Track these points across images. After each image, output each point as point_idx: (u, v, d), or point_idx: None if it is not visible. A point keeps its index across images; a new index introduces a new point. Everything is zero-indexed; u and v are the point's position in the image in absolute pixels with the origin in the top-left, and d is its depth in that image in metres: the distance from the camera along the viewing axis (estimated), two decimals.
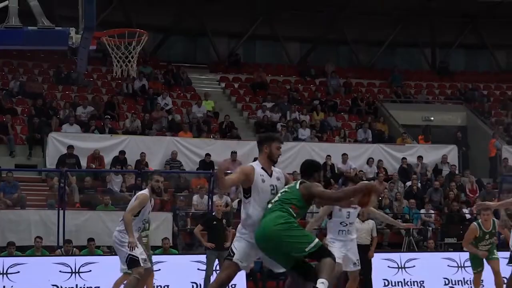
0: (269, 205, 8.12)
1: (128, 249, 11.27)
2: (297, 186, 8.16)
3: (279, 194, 8.17)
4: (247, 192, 8.24)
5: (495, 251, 13.57)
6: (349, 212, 12.15)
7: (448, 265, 17.57)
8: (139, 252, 11.40)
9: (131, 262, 11.31)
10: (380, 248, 21.00)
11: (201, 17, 31.13)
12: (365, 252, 15.14)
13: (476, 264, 13.65)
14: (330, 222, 12.41)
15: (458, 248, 18.22)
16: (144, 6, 29.79)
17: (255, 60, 32.64)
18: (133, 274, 11.34)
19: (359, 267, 12.53)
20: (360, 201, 8.26)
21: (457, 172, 25.51)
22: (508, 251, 12.62)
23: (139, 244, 11.62)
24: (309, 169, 8.38)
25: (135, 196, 11.94)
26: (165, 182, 18.88)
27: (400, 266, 17.47)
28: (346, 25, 32.39)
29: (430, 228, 22.15)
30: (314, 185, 8.16)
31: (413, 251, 19.94)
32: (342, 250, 12.19)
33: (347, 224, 12.25)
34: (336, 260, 11.15)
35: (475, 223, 13.71)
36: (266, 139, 8.40)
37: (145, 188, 11.96)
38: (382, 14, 32.07)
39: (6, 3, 10.83)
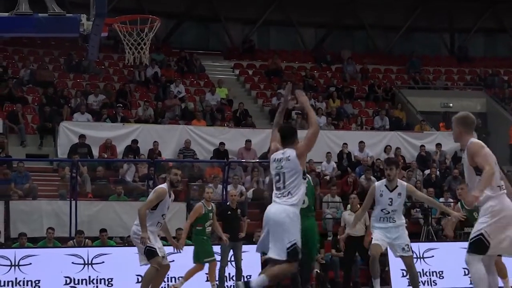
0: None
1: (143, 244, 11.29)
2: (313, 183, 9.35)
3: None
4: (304, 173, 8.49)
5: None
6: (391, 198, 11.81)
7: None
8: (158, 245, 11.42)
9: (149, 253, 11.32)
10: None
11: (214, 3, 30.78)
12: (361, 242, 15.42)
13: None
14: (374, 210, 12.16)
15: None
16: None
17: (270, 47, 32.36)
18: (152, 264, 11.36)
19: (411, 253, 12.03)
20: None
21: None
22: None
23: (157, 238, 11.60)
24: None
25: (153, 190, 11.88)
26: None
27: (418, 256, 17.24)
28: (362, 9, 32.02)
29: (449, 217, 21.76)
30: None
31: (431, 240, 19.74)
32: (386, 235, 11.87)
33: (389, 212, 11.85)
34: (373, 241, 11.89)
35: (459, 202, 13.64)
36: (296, 131, 8.73)
37: (163, 182, 11.79)
38: None
39: None
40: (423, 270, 17.20)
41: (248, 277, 16.08)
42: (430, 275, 17.19)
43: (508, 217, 7.73)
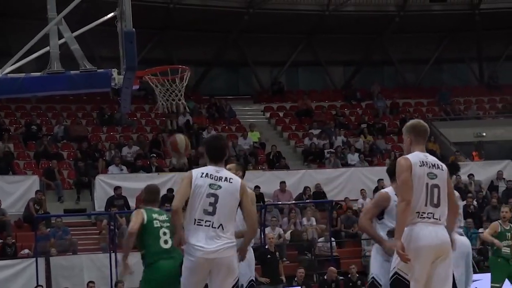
0: None
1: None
2: None
3: None
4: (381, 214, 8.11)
5: None
6: None
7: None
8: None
9: None
10: None
11: (241, 48, 30.97)
12: None
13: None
14: None
15: None
16: (183, 41, 29.70)
17: (299, 87, 32.39)
18: None
19: None
20: None
21: None
22: None
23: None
24: None
25: None
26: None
27: None
28: (389, 44, 32.00)
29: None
30: None
31: (474, 272, 19.38)
32: None
33: None
34: None
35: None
36: None
37: None
38: (426, 32, 31.62)
39: (46, 49, 10.61)
40: None
41: None
42: None
43: None
